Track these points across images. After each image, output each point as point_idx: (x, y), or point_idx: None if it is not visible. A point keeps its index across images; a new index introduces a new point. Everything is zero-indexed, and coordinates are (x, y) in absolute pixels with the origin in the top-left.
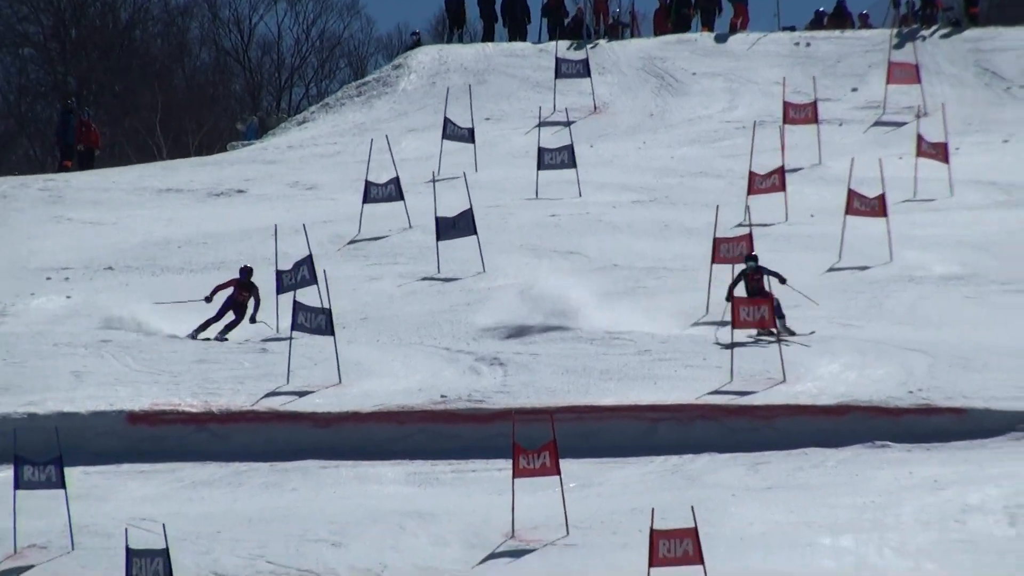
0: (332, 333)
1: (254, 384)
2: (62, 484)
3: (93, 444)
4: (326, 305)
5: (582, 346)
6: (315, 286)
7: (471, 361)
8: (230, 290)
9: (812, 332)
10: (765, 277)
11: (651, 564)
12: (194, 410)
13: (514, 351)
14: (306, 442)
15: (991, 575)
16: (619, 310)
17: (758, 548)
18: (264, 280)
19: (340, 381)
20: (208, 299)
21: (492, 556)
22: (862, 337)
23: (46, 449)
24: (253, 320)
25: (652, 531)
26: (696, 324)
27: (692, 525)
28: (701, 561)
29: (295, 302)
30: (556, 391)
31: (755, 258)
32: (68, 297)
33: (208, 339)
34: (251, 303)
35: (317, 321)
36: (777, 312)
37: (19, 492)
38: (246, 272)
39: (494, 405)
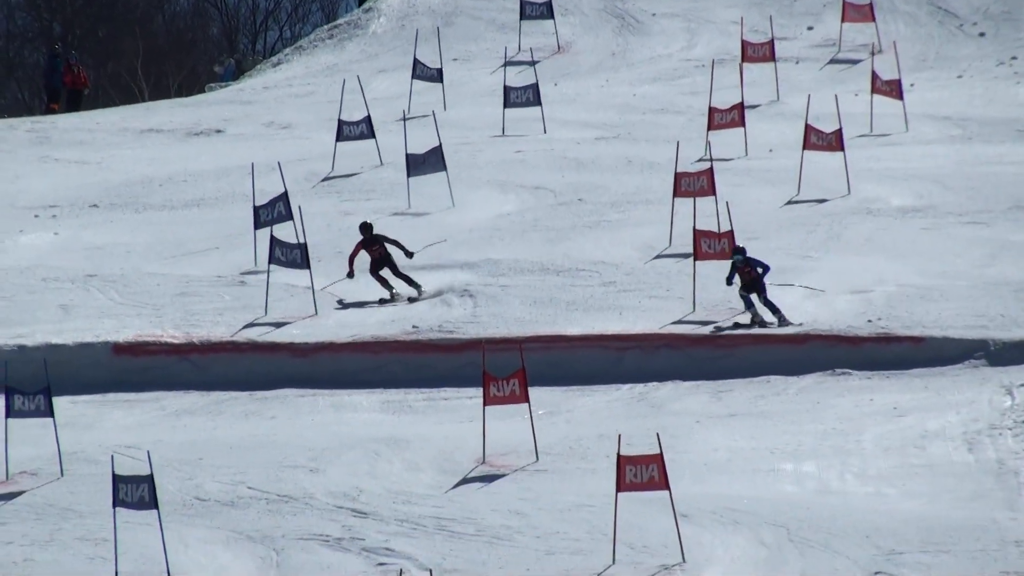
0: (308, 267)
1: (233, 316)
2: (51, 413)
3: (80, 375)
4: (301, 240)
5: (549, 278)
6: (291, 222)
7: (442, 293)
8: (362, 253)
9: (801, 324)
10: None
11: (618, 489)
12: (176, 341)
13: (483, 283)
14: (284, 372)
15: (950, 499)
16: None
17: (722, 473)
18: (241, 216)
19: (316, 313)
20: (350, 275)
21: (464, 481)
22: (821, 268)
23: (35, 380)
24: (410, 255)
25: (619, 457)
26: (659, 256)
27: (658, 451)
28: (667, 486)
29: (272, 237)
30: (525, 321)
31: (742, 251)
32: (55, 234)
33: (392, 300)
34: (391, 249)
35: (292, 255)
36: (763, 296)
37: (10, 421)
38: (367, 228)
39: (464, 335)
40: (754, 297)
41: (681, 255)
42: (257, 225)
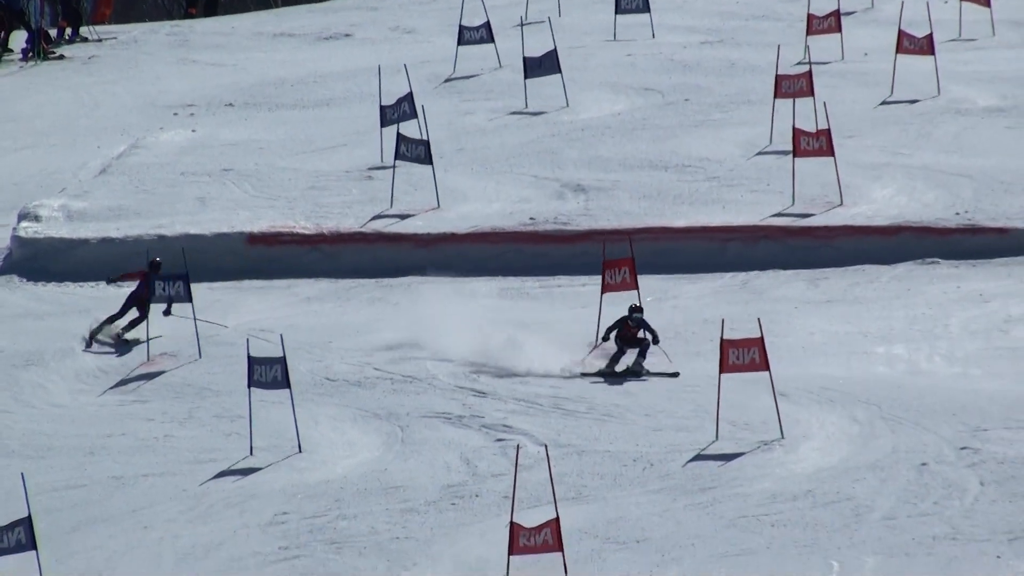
0: (431, 162)
1: (361, 208)
2: (189, 298)
3: (216, 263)
4: (425, 137)
5: (657, 173)
6: (415, 120)
7: (557, 187)
8: (134, 284)
9: (676, 374)
10: (643, 330)
11: (721, 370)
12: (307, 232)
13: (595, 178)
14: (408, 260)
15: None
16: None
17: (819, 355)
18: (368, 115)
19: (438, 205)
20: (111, 281)
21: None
22: (912, 164)
23: (175, 267)
24: (167, 313)
25: (722, 340)
26: (760, 153)
27: (759, 335)
28: (767, 367)
29: (398, 134)
30: (634, 214)
31: (640, 309)
32: (193, 131)
33: (105, 340)
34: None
35: (417, 151)
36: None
37: (151, 305)
38: (156, 266)
39: (578, 227)
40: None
41: (781, 152)
42: (383, 123)
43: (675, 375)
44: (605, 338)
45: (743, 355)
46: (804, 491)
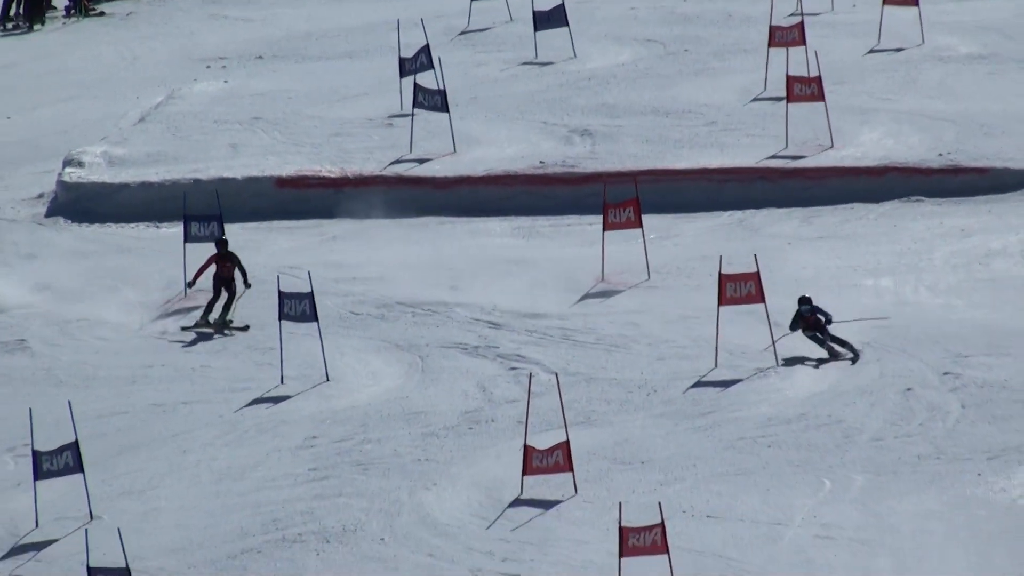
0: (447, 110)
1: (382, 153)
2: (222, 231)
3: (247, 205)
4: (441, 87)
5: (659, 119)
6: (432, 71)
7: (565, 132)
8: (212, 268)
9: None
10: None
11: (720, 303)
12: (332, 175)
13: (601, 124)
14: (426, 202)
15: (1011, 309)
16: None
17: (811, 287)
18: (387, 67)
19: (454, 151)
20: (191, 284)
21: (585, 296)
22: (898, 109)
23: (208, 209)
24: (248, 285)
25: (720, 275)
26: (755, 100)
27: (755, 269)
28: (763, 299)
29: (415, 84)
30: (638, 157)
31: (808, 300)
32: (225, 82)
33: (207, 327)
34: (237, 274)
35: (434, 100)
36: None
37: (187, 245)
38: (223, 244)
39: (585, 169)
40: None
41: (775, 98)
42: (402, 74)
43: (856, 357)
44: (792, 328)
45: (740, 288)
46: (798, 415)
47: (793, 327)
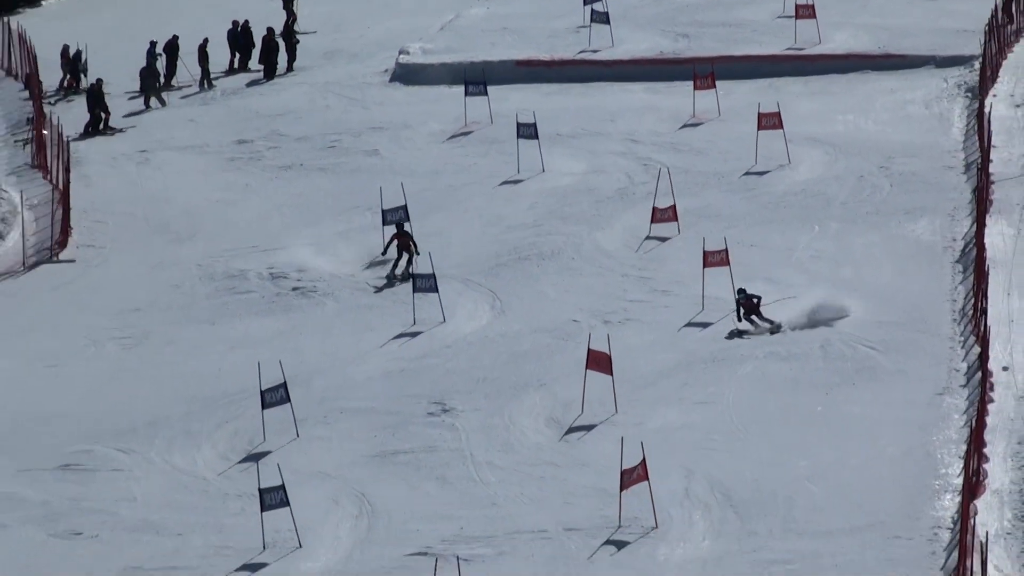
0: (609, 23)
1: (576, 47)
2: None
3: (499, 76)
4: (605, 9)
5: (726, 29)
6: (600, 0)
7: (673, 35)
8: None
9: (780, 324)
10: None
11: (759, 128)
12: (545, 59)
13: (693, 30)
14: (596, 74)
15: (919, 130)
16: None
17: (809, 121)
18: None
19: (612, 44)
20: (384, 252)
21: (685, 126)
22: (856, 23)
23: (470, 75)
24: (418, 253)
25: (759, 114)
26: (779, 17)
27: (777, 111)
28: (782, 126)
29: (592, 10)
30: (713, 49)
31: (743, 291)
32: (487, 8)
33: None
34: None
35: (601, 16)
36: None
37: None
38: (400, 225)
39: (683, 55)
40: (754, 318)
41: (789, 16)
42: (586, 2)
43: (777, 329)
44: (738, 318)
45: (769, 121)
46: (800, 189)
47: (739, 317)
